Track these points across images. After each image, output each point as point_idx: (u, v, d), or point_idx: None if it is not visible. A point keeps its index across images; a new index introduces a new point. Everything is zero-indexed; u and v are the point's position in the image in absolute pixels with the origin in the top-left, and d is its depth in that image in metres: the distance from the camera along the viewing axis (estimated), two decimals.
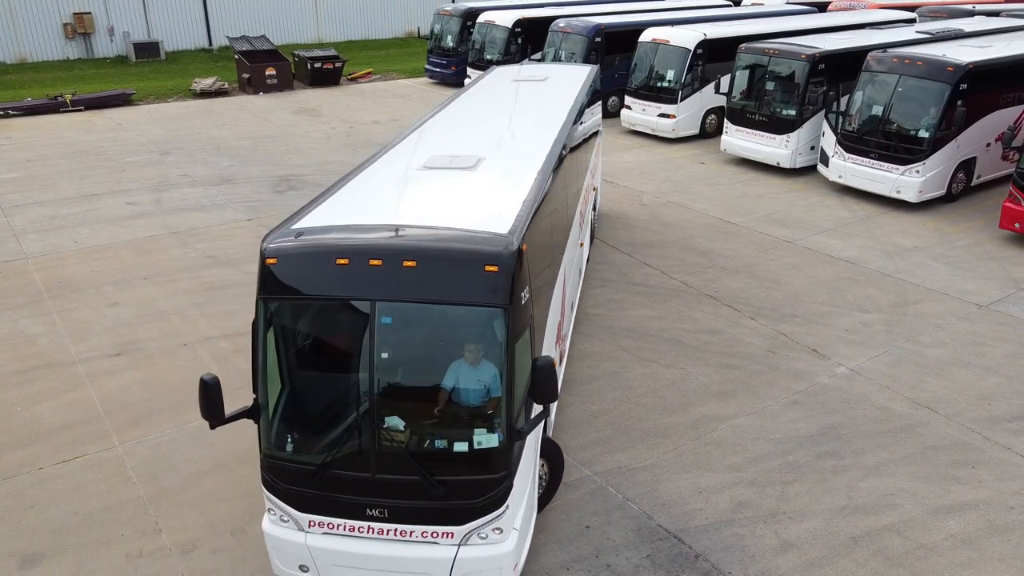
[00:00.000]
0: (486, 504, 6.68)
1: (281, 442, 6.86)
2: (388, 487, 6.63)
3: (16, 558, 7.99)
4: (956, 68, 17.13)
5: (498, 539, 6.83)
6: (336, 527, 6.86)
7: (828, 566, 7.93)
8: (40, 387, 11.02)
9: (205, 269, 14.87)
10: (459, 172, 8.41)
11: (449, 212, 7.44)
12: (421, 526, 6.75)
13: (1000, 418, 10.36)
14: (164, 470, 9.34)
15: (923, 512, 8.69)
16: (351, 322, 6.57)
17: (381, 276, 6.33)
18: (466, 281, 6.37)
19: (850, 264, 15.15)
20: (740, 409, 10.57)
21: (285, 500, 6.88)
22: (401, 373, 6.70)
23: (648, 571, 7.88)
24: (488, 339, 6.55)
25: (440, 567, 6.83)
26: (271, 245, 6.62)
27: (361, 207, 7.63)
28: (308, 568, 7.08)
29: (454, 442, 6.64)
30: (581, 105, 12.84)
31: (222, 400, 6.60)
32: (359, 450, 6.60)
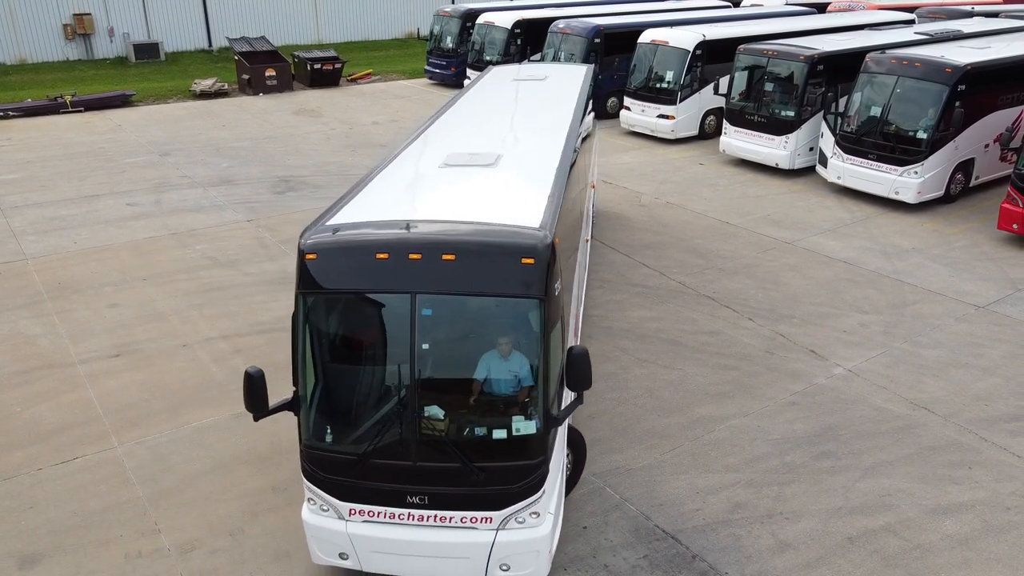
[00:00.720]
0: (524, 489, 6.87)
1: (322, 433, 7.03)
2: (429, 474, 6.83)
3: (15, 558, 8.02)
4: (954, 69, 17.16)
5: (535, 523, 7.02)
6: (376, 515, 7.03)
7: (825, 566, 7.96)
8: (40, 388, 11.05)
9: (204, 270, 14.90)
10: (480, 169, 8.61)
11: (478, 208, 7.64)
12: (460, 512, 6.93)
13: (997, 419, 10.39)
14: (163, 471, 9.37)
15: (920, 512, 8.71)
16: (391, 315, 6.79)
17: (421, 270, 6.53)
18: (504, 274, 6.57)
19: (848, 265, 15.18)
20: (738, 410, 10.60)
21: (325, 489, 7.03)
22: (441, 364, 6.90)
23: (645, 571, 7.90)
24: (525, 329, 6.77)
25: (479, 551, 7.01)
26: (310, 241, 6.79)
27: (390, 204, 7.79)
28: (347, 556, 7.24)
29: (493, 429, 6.83)
30: (585, 103, 12.98)
31: (266, 393, 6.80)
32: (400, 439, 6.78)
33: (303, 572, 7.89)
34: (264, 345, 12.20)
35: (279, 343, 12.25)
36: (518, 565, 7.12)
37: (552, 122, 11.19)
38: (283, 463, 9.48)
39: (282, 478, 9.23)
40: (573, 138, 10.38)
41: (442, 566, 7.17)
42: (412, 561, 7.16)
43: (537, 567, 7.17)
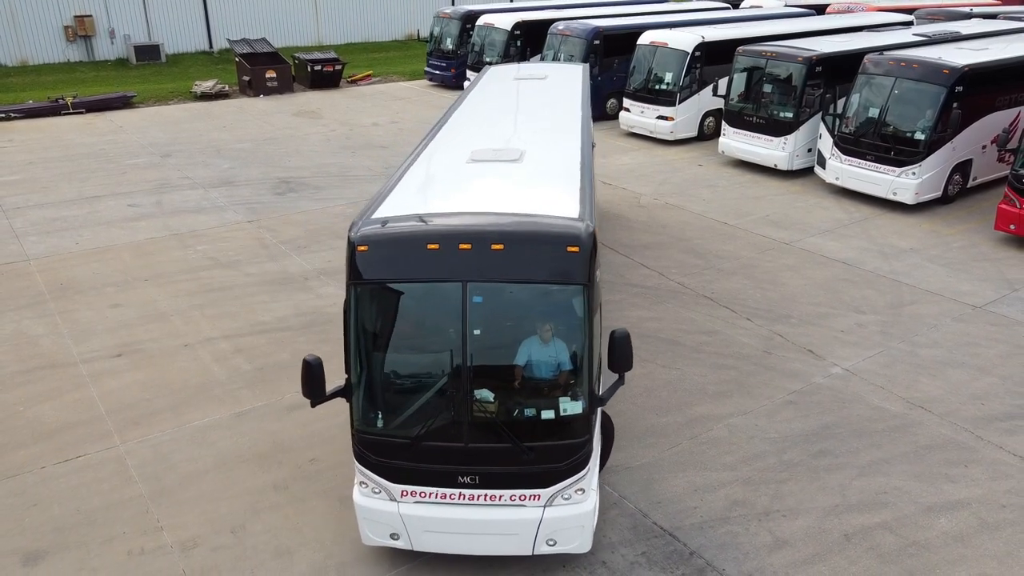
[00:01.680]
0: (571, 467, 7.21)
1: (374, 418, 7.28)
2: (480, 455, 7.13)
3: (19, 555, 8.09)
4: (952, 71, 17.24)
5: (580, 499, 7.36)
6: (428, 495, 7.32)
7: (821, 563, 8.03)
8: (42, 387, 11.12)
9: (206, 271, 14.97)
10: (506, 164, 8.90)
11: (514, 200, 7.91)
12: (510, 490, 7.24)
13: (993, 417, 10.46)
14: (165, 469, 9.44)
15: (916, 510, 8.78)
16: (442, 303, 7.04)
17: (471, 259, 6.83)
18: (550, 261, 6.92)
19: (846, 265, 15.25)
20: (736, 409, 10.67)
21: (378, 472, 7.31)
22: (491, 349, 7.16)
23: (643, 568, 7.97)
24: (570, 314, 7.09)
25: (527, 528, 7.34)
26: (360, 233, 7.04)
27: (427, 198, 8.05)
28: (399, 536, 7.52)
29: (541, 410, 7.15)
30: (588, 100, 13.22)
31: (324, 379, 7.08)
32: (452, 422, 7.07)
33: (305, 569, 7.96)
34: (265, 345, 12.27)
35: (280, 343, 12.34)
36: (564, 540, 7.47)
37: (563, 119, 11.49)
38: (284, 461, 9.56)
39: (283, 476, 9.30)
40: (587, 134, 10.73)
41: (491, 543, 7.49)
42: (462, 539, 7.47)
43: (582, 541, 7.53)
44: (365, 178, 20.74)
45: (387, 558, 8.08)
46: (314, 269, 15.04)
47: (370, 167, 21.75)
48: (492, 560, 7.99)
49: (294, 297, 13.87)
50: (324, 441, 9.94)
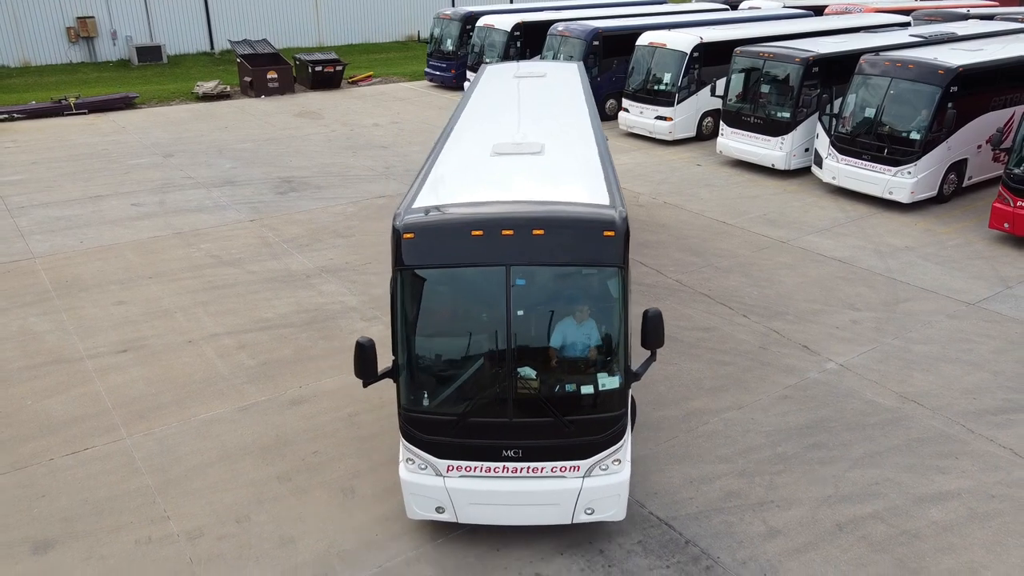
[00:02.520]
0: (608, 438, 7.66)
1: (421, 397, 7.63)
2: (523, 429, 7.54)
3: (29, 544, 8.27)
4: (947, 71, 17.42)
5: (616, 469, 7.80)
6: (473, 469, 7.72)
7: (813, 551, 8.21)
8: (49, 382, 11.30)
9: (209, 268, 15.15)
10: (530, 157, 9.21)
11: (544, 189, 8.20)
12: (551, 462, 7.66)
13: (984, 411, 10.64)
14: (171, 461, 9.62)
15: (907, 501, 8.96)
16: (487, 286, 7.36)
17: (513, 244, 7.21)
18: (589, 245, 7.31)
19: (842, 263, 15.43)
20: (732, 403, 10.84)
21: (425, 449, 7.69)
22: (533, 328, 7.52)
23: (640, 556, 8.15)
24: (607, 295, 7.50)
25: (567, 498, 7.77)
26: (406, 222, 7.38)
27: (459, 188, 8.33)
28: (444, 509, 7.90)
29: (581, 386, 7.56)
30: (591, 96, 13.51)
31: (376, 360, 7.49)
32: (497, 398, 7.45)
33: (308, 557, 8.13)
34: (268, 341, 12.45)
35: (283, 339, 12.51)
36: (601, 508, 7.90)
37: (572, 114, 11.86)
38: (287, 454, 9.74)
39: (286, 468, 9.48)
40: (599, 127, 11.11)
41: (533, 513, 7.91)
42: (505, 510, 7.88)
43: (618, 509, 7.95)
44: (366, 178, 20.92)
45: (390, 546, 8.26)
46: (316, 267, 15.22)
47: (371, 167, 21.93)
48: (492, 549, 8.18)
49: (296, 294, 14.05)
50: (326, 435, 10.12)
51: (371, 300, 13.83)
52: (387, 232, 16.97)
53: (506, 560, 8.09)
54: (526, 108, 12.29)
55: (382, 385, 11.13)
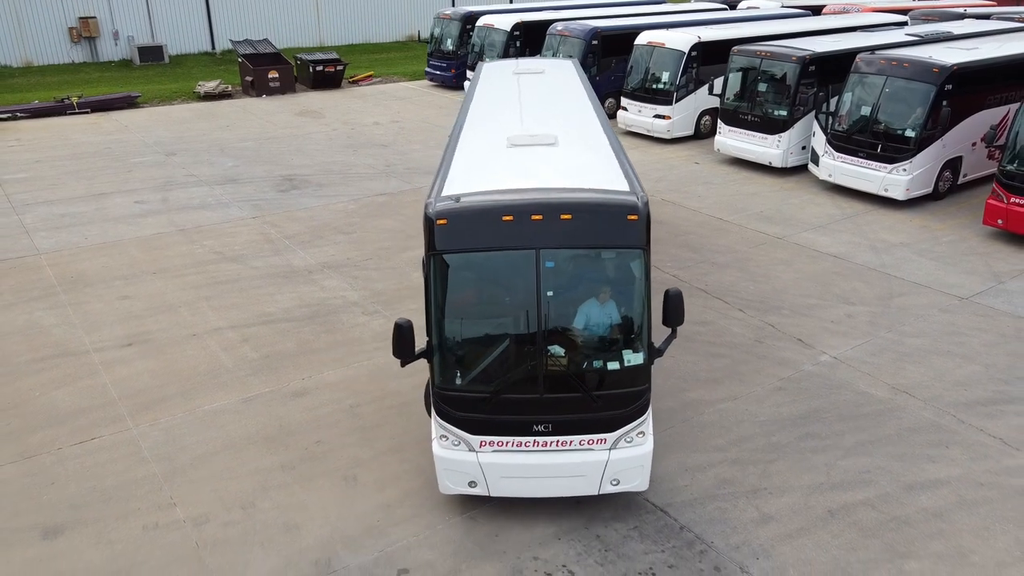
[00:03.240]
0: (633, 412, 8.09)
1: (455, 376, 7.99)
2: (553, 405, 7.91)
3: (39, 529, 8.47)
4: (941, 69, 17.61)
5: (640, 442, 8.25)
6: (505, 444, 8.10)
7: (805, 536, 8.40)
8: (56, 374, 11.50)
9: (212, 264, 15.35)
10: (545, 148, 9.55)
11: (565, 177, 8.52)
12: (579, 436, 8.07)
13: (975, 402, 10.83)
14: (176, 450, 9.81)
15: (897, 488, 9.15)
16: (517, 268, 7.70)
17: (543, 229, 7.59)
18: (614, 229, 7.71)
19: (837, 259, 15.62)
20: (727, 394, 11.04)
21: (458, 426, 8.04)
22: (562, 308, 7.86)
23: (636, 541, 8.34)
24: (631, 275, 7.91)
25: (594, 469, 8.19)
26: (438, 209, 7.72)
27: (483, 177, 8.61)
28: (476, 484, 8.28)
29: (608, 362, 7.95)
30: (592, 90, 13.91)
31: (414, 341, 7.87)
32: (529, 375, 7.82)
33: (312, 542, 8.32)
34: (271, 335, 12.64)
35: (285, 333, 12.71)
36: (626, 479, 8.32)
37: (576, 107, 12.27)
38: (291, 444, 9.93)
39: (290, 458, 9.67)
40: (605, 119, 11.57)
41: (561, 485, 8.29)
42: (535, 483, 8.25)
43: (642, 480, 8.40)
44: (367, 176, 21.12)
45: (391, 532, 8.45)
46: (318, 263, 15.41)
47: (372, 165, 22.13)
48: (491, 535, 8.37)
49: (298, 289, 14.25)
50: (329, 425, 10.31)
51: (372, 295, 14.02)
52: (388, 229, 17.23)
53: (504, 545, 8.29)
54: (532, 103, 12.58)
55: (381, 378, 11.39)
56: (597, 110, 12.18)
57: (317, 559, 8.09)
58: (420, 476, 9.33)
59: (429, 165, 22.06)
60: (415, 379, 11.38)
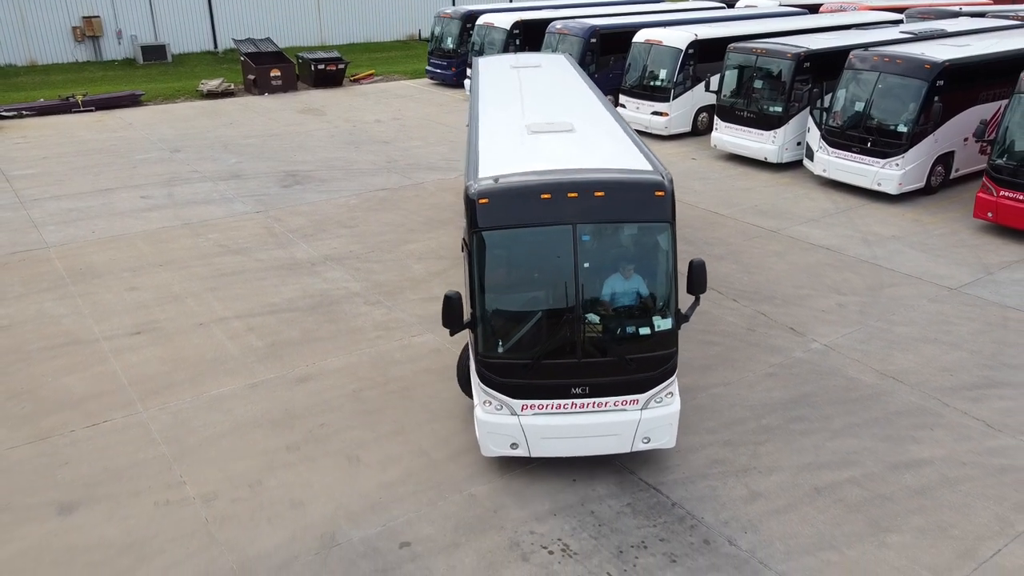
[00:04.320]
0: (662, 374, 8.70)
1: (497, 344, 8.55)
2: (590, 368, 8.49)
3: (55, 506, 8.79)
4: (933, 66, 17.92)
5: (669, 401, 8.87)
6: (545, 407, 8.65)
7: (792, 512, 8.72)
8: (67, 361, 11.82)
9: (217, 257, 15.67)
10: (564, 134, 10.14)
11: (590, 159, 9.23)
12: (614, 397, 8.65)
13: (960, 387, 11.14)
14: (185, 433, 10.13)
15: (882, 467, 9.46)
16: (555, 242, 8.27)
17: (578, 205, 8.19)
18: (643, 204, 8.35)
19: (830, 251, 15.93)
20: (719, 380, 11.35)
21: (501, 391, 8.61)
22: (597, 278, 8.49)
23: (628, 517, 8.66)
24: (660, 247, 8.54)
25: (628, 428, 8.80)
26: (480, 189, 8.32)
27: (514, 160, 9.19)
28: (518, 445, 8.84)
29: (640, 328, 8.59)
30: (591, 81, 14.43)
31: (462, 312, 8.48)
32: (568, 341, 8.40)
33: (317, 518, 8.64)
34: (275, 324, 12.96)
35: (289, 322, 13.03)
36: (656, 437, 8.93)
37: (582, 97, 12.82)
38: (296, 426, 10.25)
39: (295, 439, 9.99)
40: (611, 107, 12.25)
41: (597, 444, 8.88)
42: (572, 443, 8.82)
43: (671, 437, 9.01)
44: (369, 171, 21.44)
45: (392, 508, 8.77)
46: (320, 255, 15.73)
47: (373, 161, 22.45)
48: (489, 511, 8.69)
49: (302, 281, 14.57)
50: (332, 408, 10.64)
51: (374, 286, 14.35)
52: (389, 222, 17.56)
53: (503, 520, 8.61)
54: (538, 94, 13.06)
55: (383, 364, 11.73)
56: (601, 99, 12.68)
57: (322, 533, 8.41)
58: (422, 456, 9.66)
59: (430, 161, 22.39)
60: (416, 365, 11.72)
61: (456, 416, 10.46)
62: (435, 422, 10.34)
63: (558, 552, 8.17)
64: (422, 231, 17.03)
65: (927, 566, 7.95)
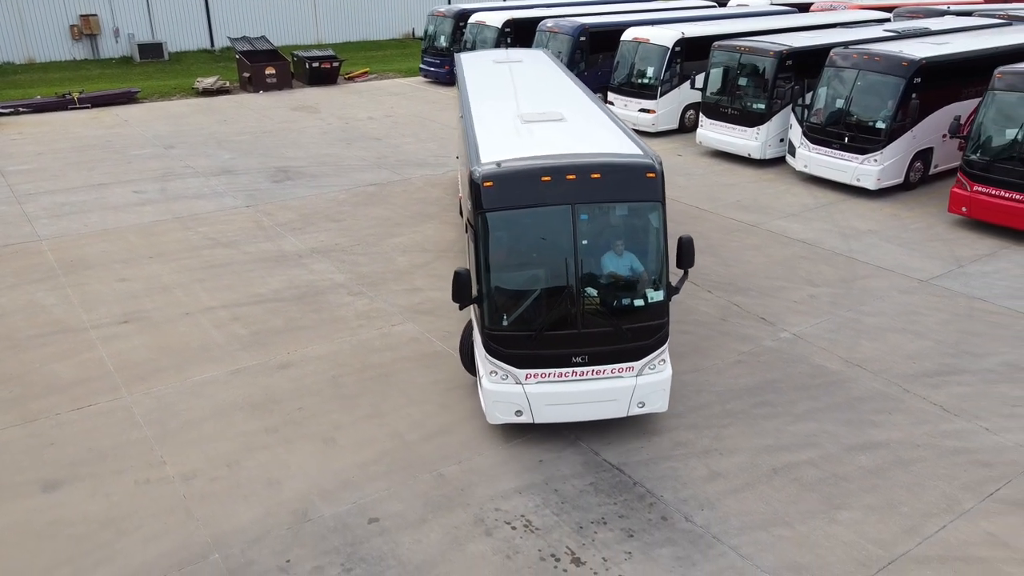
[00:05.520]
0: (655, 342, 9.38)
1: (502, 317, 9.16)
2: (589, 338, 9.12)
3: (40, 484, 9.14)
4: (910, 63, 18.24)
5: (662, 368, 9.56)
6: (547, 376, 9.26)
7: (749, 491, 9.05)
8: (56, 349, 12.17)
9: (206, 249, 16.02)
10: (556, 123, 10.74)
11: (584, 145, 9.73)
12: (611, 365, 9.27)
13: (922, 374, 11.47)
14: (168, 416, 10.48)
15: (840, 449, 9.79)
16: (556, 221, 8.91)
17: (576, 187, 8.84)
18: (636, 185, 9.04)
19: (806, 245, 16.25)
20: (689, 367, 11.68)
21: (506, 361, 9.17)
22: (595, 254, 9.13)
23: (591, 495, 8.99)
24: (652, 225, 9.19)
25: (624, 394, 9.43)
26: (483, 172, 8.94)
27: (512, 147, 9.67)
28: (522, 412, 9.40)
29: (634, 300, 9.29)
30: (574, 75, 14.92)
31: (471, 288, 9.11)
32: (568, 313, 9.04)
33: (291, 495, 8.98)
34: (261, 313, 13.30)
35: (274, 312, 13.37)
36: (651, 401, 9.59)
37: (566, 89, 13.40)
38: (275, 410, 10.60)
39: (274, 422, 10.33)
40: (596, 99, 12.90)
41: (596, 409, 9.49)
42: (573, 408, 9.42)
43: (663, 402, 9.71)
44: (359, 167, 21.78)
45: (365, 487, 9.11)
46: (308, 248, 16.07)
47: (364, 157, 22.79)
48: (457, 490, 9.03)
49: (288, 272, 14.91)
50: (312, 393, 10.98)
51: (358, 277, 14.68)
52: (377, 217, 17.90)
53: (469, 498, 8.94)
54: (526, 87, 13.52)
55: (363, 352, 12.08)
56: (584, 90, 13.17)
57: (295, 509, 8.75)
58: (396, 438, 10.00)
59: (419, 157, 22.73)
60: (395, 353, 12.06)
61: (431, 400, 10.81)
62: (411, 406, 10.68)
63: (520, 528, 8.51)
64: (408, 225, 17.36)
65: (873, 540, 8.29)
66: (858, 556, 8.10)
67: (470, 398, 10.74)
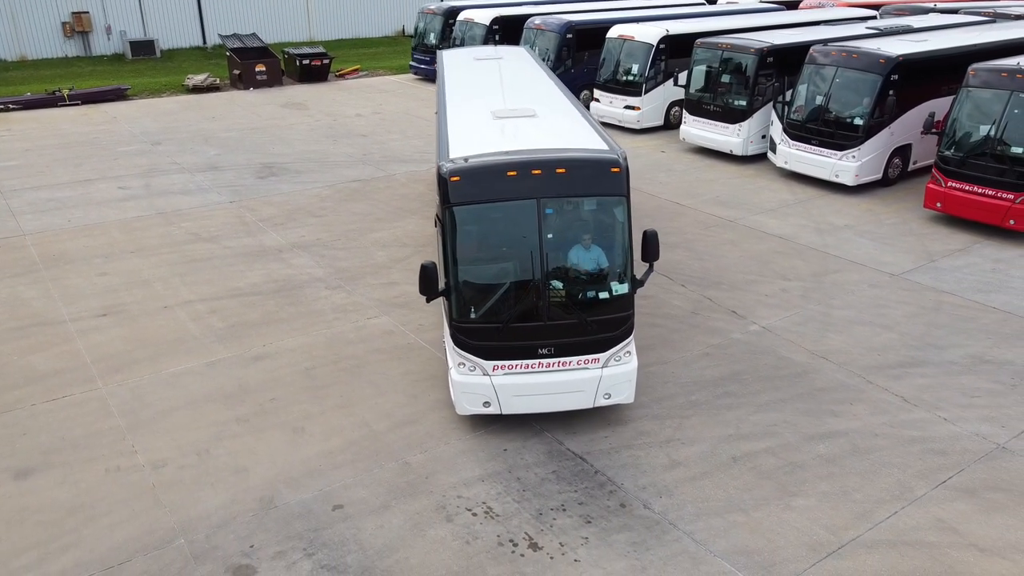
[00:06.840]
0: (620, 334, 9.54)
1: (470, 310, 9.29)
2: (555, 330, 9.29)
3: (11, 472, 9.31)
4: (887, 60, 18.42)
5: (627, 360, 9.73)
6: (514, 367, 9.43)
7: (707, 479, 9.24)
8: (33, 341, 12.34)
9: (188, 244, 16.19)
10: (527, 119, 10.97)
11: (551, 140, 9.98)
12: (577, 356, 9.46)
13: (885, 366, 11.66)
14: (141, 406, 10.65)
15: (798, 439, 9.98)
16: (521, 216, 9.06)
17: (542, 181, 8.99)
18: (601, 180, 9.18)
19: (782, 239, 16.44)
20: (656, 359, 11.86)
21: (474, 353, 9.37)
22: (560, 248, 9.30)
23: (552, 483, 9.18)
24: (616, 219, 9.37)
25: (590, 385, 9.61)
26: (451, 167, 9.10)
27: (481, 142, 9.88)
28: (490, 403, 9.59)
29: (599, 292, 9.43)
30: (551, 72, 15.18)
31: (438, 281, 9.24)
32: (534, 305, 9.20)
33: (258, 482, 9.16)
34: (238, 307, 13.48)
35: (252, 305, 13.54)
36: (616, 392, 9.79)
37: (542, 85, 13.63)
38: (247, 401, 10.77)
39: (245, 412, 10.51)
40: (570, 94, 13.18)
41: (563, 400, 9.68)
42: (540, 399, 9.60)
43: (629, 393, 9.90)
44: (344, 164, 21.94)
45: (331, 474, 9.29)
46: (288, 243, 16.24)
47: (350, 154, 22.95)
48: (421, 477, 9.22)
49: (268, 266, 15.08)
50: (284, 384, 11.16)
51: (336, 272, 14.86)
52: (359, 212, 18.07)
53: (432, 486, 9.13)
54: (502, 83, 13.68)
55: (338, 344, 12.26)
56: (560, 87, 13.39)
57: (261, 496, 8.94)
58: (363, 428, 10.18)
59: (404, 154, 22.89)
60: (369, 345, 12.24)
61: (401, 391, 10.99)
62: (380, 397, 10.87)
63: (481, 514, 8.69)
64: (389, 220, 17.53)
65: (825, 526, 8.48)
66: (809, 541, 8.29)
67: (439, 389, 10.92)
